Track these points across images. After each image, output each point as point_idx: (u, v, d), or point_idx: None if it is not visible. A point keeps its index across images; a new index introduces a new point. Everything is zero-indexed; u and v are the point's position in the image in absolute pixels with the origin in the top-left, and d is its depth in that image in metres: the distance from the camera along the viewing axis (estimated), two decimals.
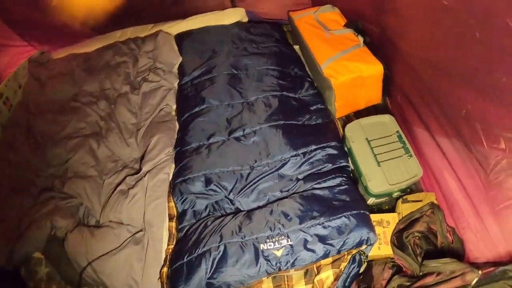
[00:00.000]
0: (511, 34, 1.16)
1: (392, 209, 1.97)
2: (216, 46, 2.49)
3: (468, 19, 1.36)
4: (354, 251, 1.62)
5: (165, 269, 1.65)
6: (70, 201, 1.99)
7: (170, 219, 1.82)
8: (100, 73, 2.66)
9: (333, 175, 1.79)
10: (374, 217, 1.80)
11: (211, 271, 1.51)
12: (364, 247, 1.63)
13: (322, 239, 1.56)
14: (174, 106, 2.31)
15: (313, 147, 1.90)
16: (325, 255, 1.56)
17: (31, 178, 2.19)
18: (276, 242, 1.54)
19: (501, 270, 1.33)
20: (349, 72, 2.10)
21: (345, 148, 2.02)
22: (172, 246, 1.73)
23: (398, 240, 1.72)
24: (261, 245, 1.54)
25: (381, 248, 1.75)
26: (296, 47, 2.63)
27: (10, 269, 1.92)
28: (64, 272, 1.87)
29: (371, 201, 1.94)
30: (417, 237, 1.73)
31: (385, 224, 1.81)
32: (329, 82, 2.09)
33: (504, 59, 1.24)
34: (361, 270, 1.68)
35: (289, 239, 1.55)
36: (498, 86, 1.30)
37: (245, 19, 2.84)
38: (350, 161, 1.97)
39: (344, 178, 1.79)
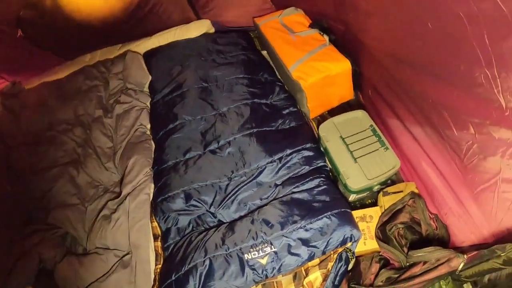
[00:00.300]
0: (461, 22, 1.19)
1: (375, 203, 1.99)
2: (184, 60, 2.49)
3: (418, 10, 1.40)
4: (340, 250, 1.64)
5: None
6: (55, 231, 1.97)
7: (155, 238, 1.82)
8: (73, 99, 2.64)
9: (311, 177, 1.80)
10: (356, 213, 1.82)
11: (200, 287, 1.51)
12: (349, 244, 1.65)
13: (305, 242, 1.57)
14: (149, 125, 2.30)
15: (288, 151, 1.92)
16: (310, 258, 1.57)
17: (14, 212, 2.17)
18: (260, 251, 1.55)
19: (490, 249, 1.36)
20: (318, 72, 2.13)
21: (321, 148, 2.04)
22: (160, 266, 1.73)
23: (382, 233, 1.74)
24: (246, 255, 1.55)
25: (367, 243, 1.76)
26: (264, 53, 2.65)
27: None
28: None
29: (352, 197, 1.96)
30: (400, 228, 1.75)
31: (368, 219, 1.83)
32: (298, 84, 2.12)
33: (459, 48, 1.27)
34: (350, 267, 1.69)
35: (272, 246, 1.56)
36: (457, 74, 1.33)
37: (212, 30, 2.85)
38: (327, 161, 1.99)
39: (322, 179, 1.81)
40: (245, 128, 2.04)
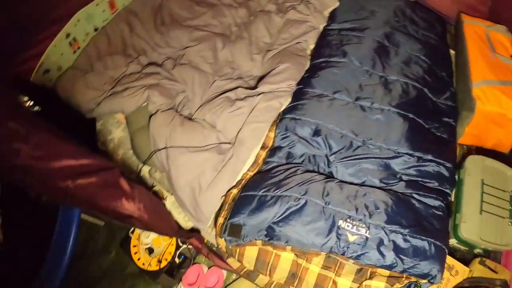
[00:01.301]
0: None
1: (464, 261, 1.78)
2: (377, 9, 2.33)
3: None
4: (413, 279, 1.47)
5: (234, 191, 1.59)
6: (174, 84, 1.97)
7: (263, 147, 1.74)
8: None
9: (435, 195, 1.62)
10: (447, 259, 1.64)
11: (280, 218, 1.42)
12: (424, 281, 1.47)
13: (397, 249, 1.41)
14: (312, 46, 2.20)
15: (430, 157, 1.73)
16: (390, 267, 1.42)
17: (145, 49, 2.20)
18: (355, 227, 1.41)
19: None
20: (499, 105, 1.89)
21: (456, 177, 1.84)
22: (252, 174, 1.66)
23: None
24: (340, 221, 1.42)
25: None
26: (452, 52, 2.39)
27: (87, 117, 1.95)
28: (137, 144, 1.86)
29: (451, 242, 1.79)
30: None
31: (454, 273, 1.67)
32: (473, 103, 1.90)
33: None
34: None
35: (368, 231, 1.42)
36: None
37: None
38: (453, 192, 1.80)
39: (443, 204, 1.62)
40: (404, 108, 1.86)
